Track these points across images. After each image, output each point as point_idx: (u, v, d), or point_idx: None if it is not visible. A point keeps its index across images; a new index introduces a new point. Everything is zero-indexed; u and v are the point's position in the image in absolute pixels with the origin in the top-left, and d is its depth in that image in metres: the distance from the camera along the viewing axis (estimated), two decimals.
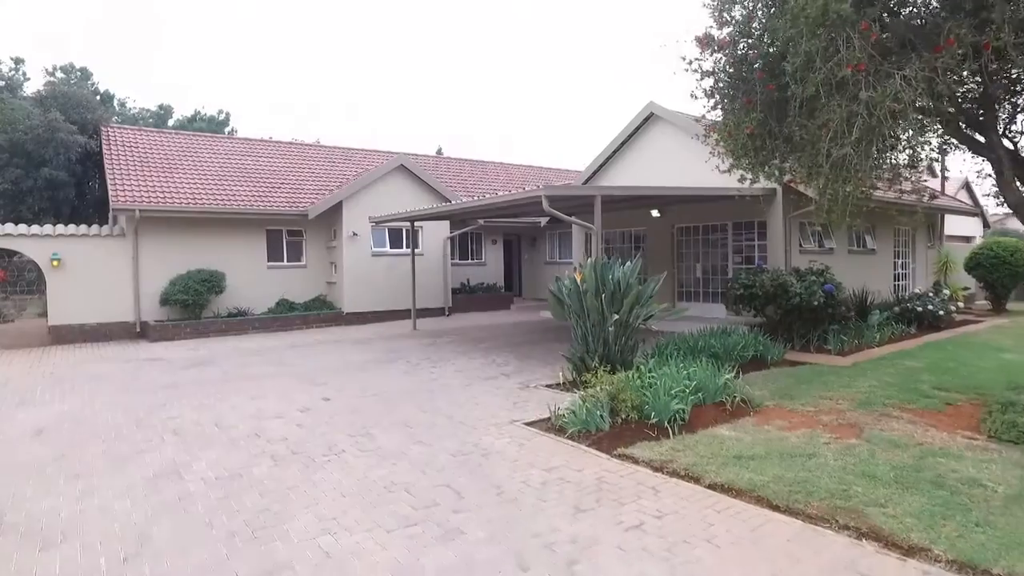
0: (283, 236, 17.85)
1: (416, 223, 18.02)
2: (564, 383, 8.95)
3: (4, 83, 23.94)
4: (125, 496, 5.20)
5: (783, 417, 6.96)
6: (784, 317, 11.77)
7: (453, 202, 11.86)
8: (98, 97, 27.42)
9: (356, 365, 11.20)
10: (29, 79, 25.31)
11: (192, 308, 15.33)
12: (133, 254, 15.40)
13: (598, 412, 6.69)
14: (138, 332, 15.43)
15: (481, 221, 20.05)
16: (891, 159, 7.86)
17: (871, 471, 5.20)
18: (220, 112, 35.55)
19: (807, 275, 11.79)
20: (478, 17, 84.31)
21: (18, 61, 24.45)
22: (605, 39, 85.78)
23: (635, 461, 5.71)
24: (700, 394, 7.26)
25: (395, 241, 18.86)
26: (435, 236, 19.56)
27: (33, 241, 14.63)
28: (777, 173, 8.81)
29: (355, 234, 17.78)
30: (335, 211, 17.94)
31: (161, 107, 32.99)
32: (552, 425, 6.92)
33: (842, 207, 7.42)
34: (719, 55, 8.13)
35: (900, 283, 18.37)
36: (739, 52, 7.95)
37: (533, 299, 23.88)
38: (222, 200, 16.46)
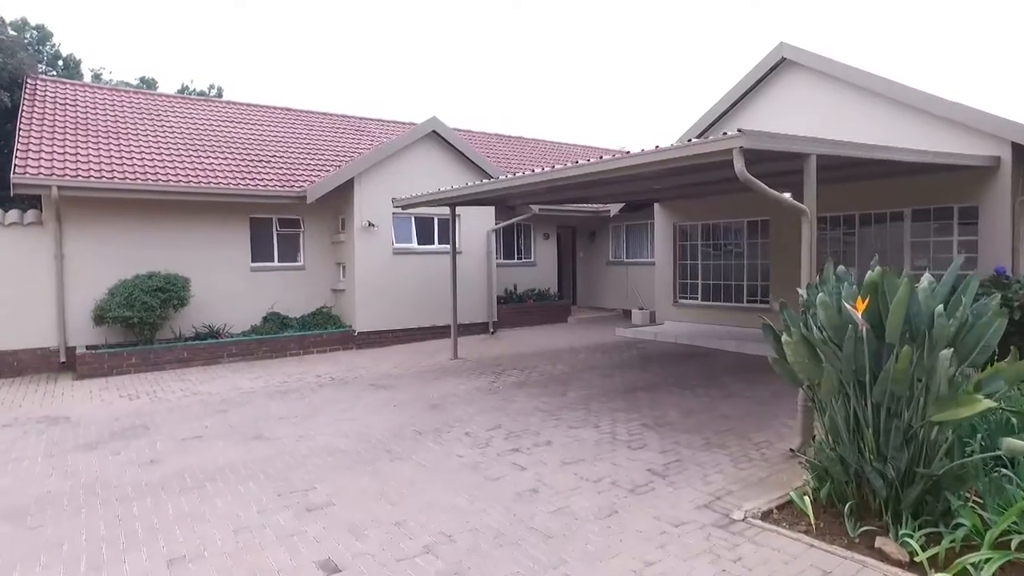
0: (273, 227, 13.18)
1: (457, 210, 13.39)
2: (815, 526, 4.29)
3: None
4: None
5: None
6: None
7: (543, 169, 7.08)
8: (60, 62, 22.84)
9: (377, 444, 6.51)
10: None
11: (141, 328, 10.69)
12: (56, 251, 10.77)
13: None
14: (63, 363, 10.80)
15: (536, 208, 15.33)
16: None
17: None
18: (212, 87, 30.96)
19: None
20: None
21: None
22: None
23: None
24: None
25: (424, 235, 14.17)
26: (475, 229, 14.86)
27: None
28: None
29: (371, 224, 13.10)
30: (344, 193, 13.28)
31: (143, 80, 28.41)
32: None
33: None
34: None
35: None
36: None
37: (591, 308, 19.16)
38: (188, 176, 11.81)
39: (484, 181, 8.80)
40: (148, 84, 28.59)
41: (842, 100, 11.17)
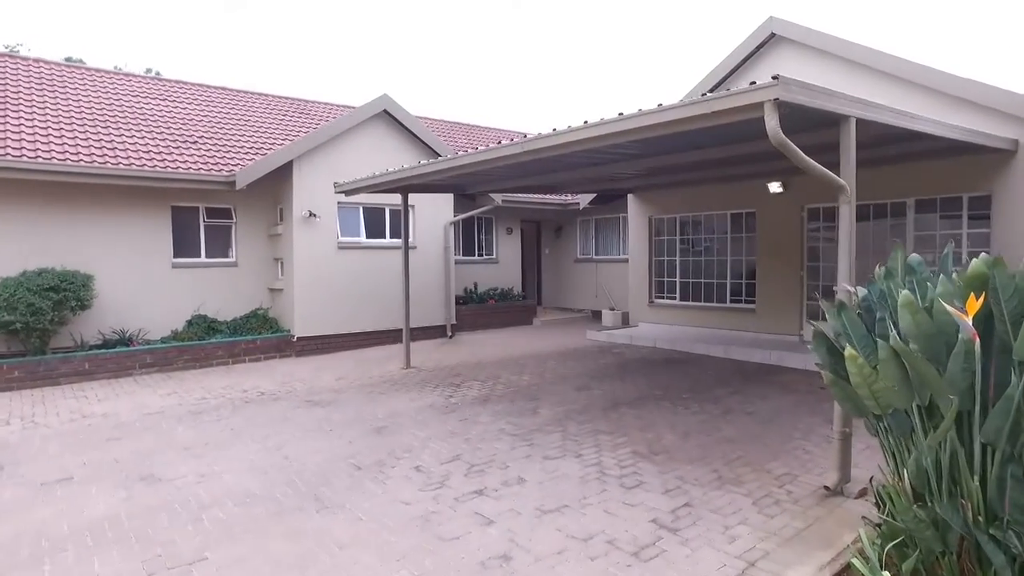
0: (200, 217, 11.51)
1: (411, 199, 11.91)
2: None
3: None
4: None
5: None
6: None
7: (523, 138, 5.71)
8: None
9: (302, 485, 5.06)
10: None
11: (27, 335, 8.95)
12: None
13: None
14: None
15: (499, 199, 13.99)
16: None
17: None
18: (149, 71, 28.73)
19: None
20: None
21: None
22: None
23: None
24: None
25: (374, 227, 12.68)
26: (432, 221, 13.43)
27: None
28: None
29: (312, 215, 11.56)
30: (282, 179, 11.72)
31: (69, 60, 26.06)
32: None
33: None
34: None
35: None
36: None
37: (558, 308, 17.90)
38: (94, 155, 10.08)
39: (437, 159, 7.41)
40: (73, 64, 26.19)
41: (837, 77, 10.13)
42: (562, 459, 5.61)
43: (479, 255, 16.05)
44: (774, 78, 4.04)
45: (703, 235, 12.67)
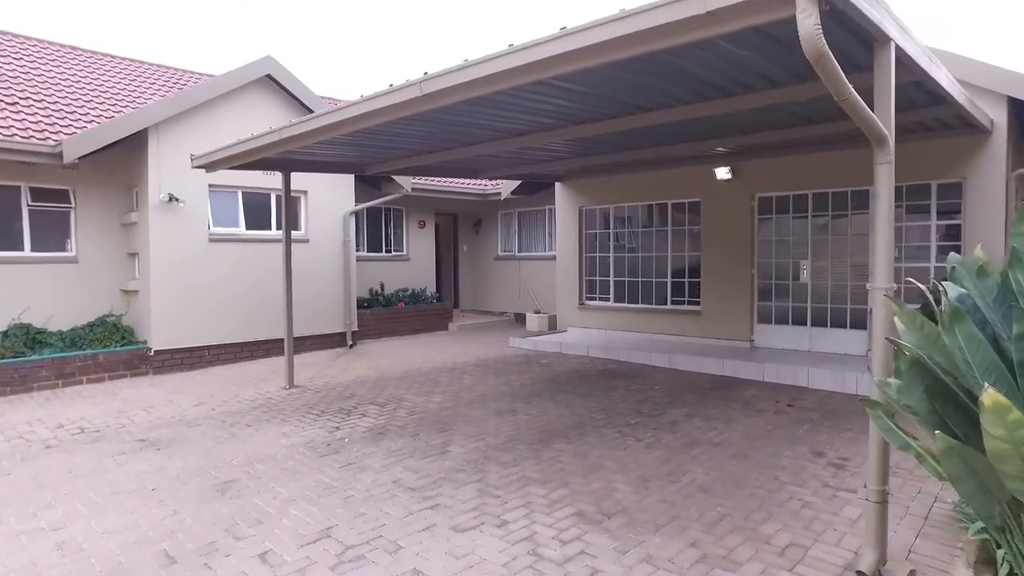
0: (22, 199, 9.08)
1: (303, 183, 9.90)
2: None
3: None
4: None
5: None
6: None
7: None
8: None
9: None
10: None
11: None
12: None
13: None
14: None
15: (408, 188, 12.16)
16: None
17: None
18: None
19: None
20: None
21: None
22: None
23: None
24: None
25: (257, 216, 10.57)
26: (328, 210, 11.43)
27: None
28: None
29: (175, 199, 9.37)
30: (137, 155, 9.47)
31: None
32: None
33: None
34: None
35: None
36: None
37: (477, 311, 16.19)
38: None
39: (315, 113, 5.53)
40: None
41: None
42: (479, 531, 3.91)
43: (387, 251, 14.12)
44: None
45: (640, 228, 11.29)
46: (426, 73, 4.26)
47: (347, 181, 11.63)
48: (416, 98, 4.35)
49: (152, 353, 9.24)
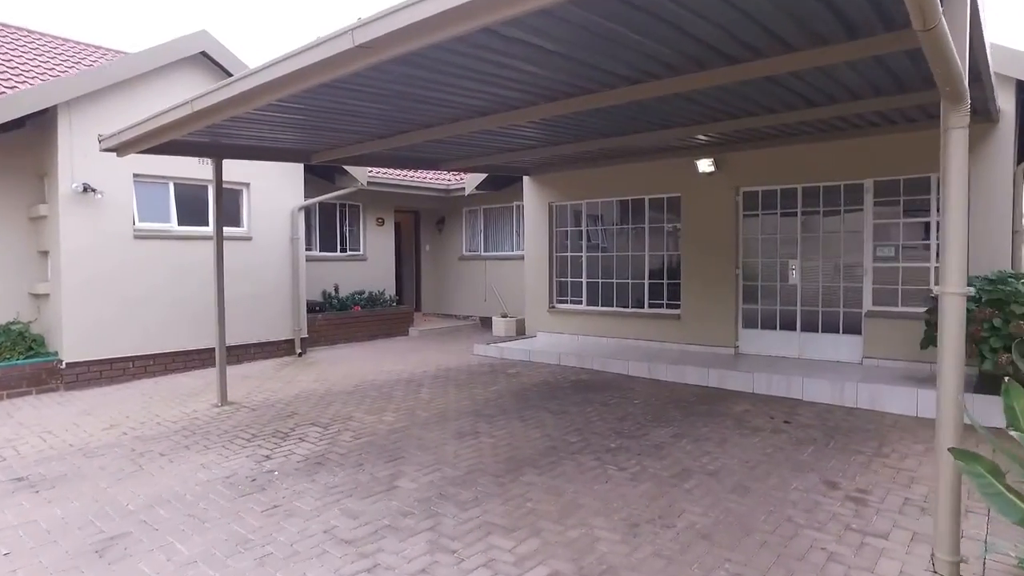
0: None
1: (246, 174, 8.83)
2: None
3: None
4: None
5: None
6: None
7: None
8: None
9: None
10: None
11: None
12: None
13: None
14: None
15: (364, 181, 11.16)
16: None
17: None
18: None
19: None
20: None
21: None
22: None
23: None
24: None
25: (190, 211, 9.46)
26: (275, 205, 10.37)
27: None
28: None
29: (90, 189, 8.24)
30: (45, 135, 8.33)
31: None
32: None
33: None
34: None
35: None
36: None
37: (440, 315, 15.23)
38: None
39: (233, 76, 4.55)
40: None
41: None
42: None
43: (342, 251, 13.07)
44: None
45: (616, 225, 10.49)
46: (359, 19, 3.34)
47: (295, 173, 10.58)
48: (350, 50, 3.43)
49: (63, 366, 8.09)
